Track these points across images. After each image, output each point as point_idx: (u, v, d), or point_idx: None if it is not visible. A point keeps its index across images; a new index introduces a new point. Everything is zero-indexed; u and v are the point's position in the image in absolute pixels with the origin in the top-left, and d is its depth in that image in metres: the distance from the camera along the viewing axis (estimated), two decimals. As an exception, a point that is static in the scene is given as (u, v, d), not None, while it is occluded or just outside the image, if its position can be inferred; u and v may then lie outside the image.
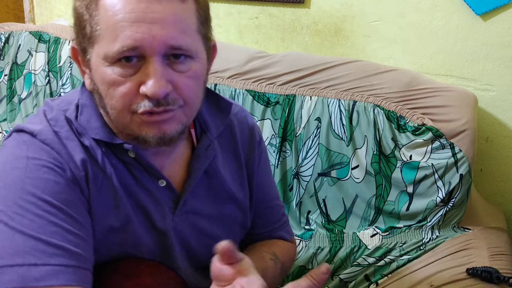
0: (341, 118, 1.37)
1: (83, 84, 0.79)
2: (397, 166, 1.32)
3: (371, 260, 1.30)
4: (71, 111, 0.77)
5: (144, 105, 0.69)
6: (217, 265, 0.68)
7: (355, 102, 1.36)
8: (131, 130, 0.72)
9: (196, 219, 0.84)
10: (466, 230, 1.29)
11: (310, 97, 1.40)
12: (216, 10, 1.68)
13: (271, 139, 1.43)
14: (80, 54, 0.74)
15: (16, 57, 1.69)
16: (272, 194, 1.00)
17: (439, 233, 1.28)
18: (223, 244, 0.65)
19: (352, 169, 1.36)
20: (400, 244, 1.29)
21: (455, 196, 1.27)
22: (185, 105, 0.73)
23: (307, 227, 1.40)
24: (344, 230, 1.37)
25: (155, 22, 0.67)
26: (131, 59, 0.68)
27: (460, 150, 1.26)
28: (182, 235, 0.82)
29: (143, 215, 0.78)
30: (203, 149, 0.83)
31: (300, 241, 1.36)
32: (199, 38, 0.73)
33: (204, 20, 0.75)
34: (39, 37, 1.70)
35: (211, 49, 0.79)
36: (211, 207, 0.86)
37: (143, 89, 0.68)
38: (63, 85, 1.77)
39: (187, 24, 0.71)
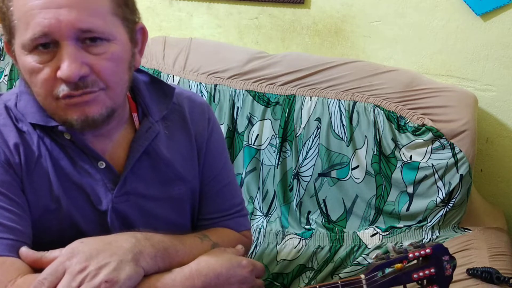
0: (341, 119, 1.37)
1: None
2: (397, 167, 1.32)
3: (371, 259, 1.30)
4: (12, 100, 0.81)
5: (63, 89, 0.71)
6: None
7: (355, 102, 1.36)
8: (58, 115, 0.75)
9: (141, 201, 0.85)
10: (466, 230, 1.29)
11: (310, 98, 1.40)
12: (216, 11, 1.68)
13: (271, 139, 1.43)
14: (9, 47, 0.77)
15: (16, 57, 1.69)
16: (223, 180, 0.98)
17: (439, 234, 1.29)
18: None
19: (352, 169, 1.36)
20: (400, 244, 1.29)
21: (455, 196, 1.27)
22: (108, 88, 0.74)
23: (307, 227, 1.40)
24: (344, 230, 1.37)
25: (62, 6, 0.69)
26: (48, 45, 0.70)
27: (460, 151, 1.26)
28: (124, 216, 0.84)
29: (80, 196, 0.81)
30: (143, 131, 0.85)
31: (300, 240, 1.36)
32: (115, 20, 0.75)
33: (122, 3, 0.76)
34: (39, 37, 1.70)
35: (135, 31, 0.80)
36: (158, 189, 0.87)
37: (58, 73, 0.70)
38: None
39: (97, 7, 0.72)
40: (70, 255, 0.69)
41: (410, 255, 0.77)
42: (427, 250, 0.77)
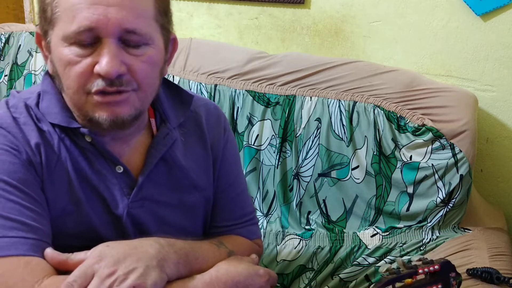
0: (341, 119, 1.37)
1: (46, 73, 0.83)
2: (397, 167, 1.32)
3: (371, 260, 1.30)
4: (32, 99, 0.81)
5: (97, 84, 0.72)
6: None
7: (355, 102, 1.36)
8: (86, 112, 0.75)
9: (156, 207, 0.86)
10: (466, 230, 1.29)
11: (310, 98, 1.40)
12: (216, 11, 1.68)
13: (271, 139, 1.43)
14: (43, 38, 0.77)
15: (16, 57, 1.69)
16: (238, 188, 0.99)
17: (439, 234, 1.29)
18: None
19: (352, 169, 1.36)
20: (400, 244, 1.29)
21: (455, 196, 1.27)
22: (139, 89, 0.76)
23: (307, 227, 1.40)
24: (344, 230, 1.37)
25: (112, 5, 0.70)
26: (88, 40, 0.71)
27: (460, 151, 1.26)
28: (139, 221, 0.84)
29: (97, 199, 0.81)
30: (161, 137, 0.86)
31: (300, 240, 1.36)
32: (156, 26, 0.77)
33: (163, 11, 0.78)
34: (39, 37, 1.70)
35: (169, 40, 0.82)
36: (172, 196, 0.88)
37: (97, 68, 0.71)
38: (63, 85, 1.76)
39: (144, 10, 0.74)
40: (99, 259, 0.69)
41: (420, 271, 0.78)
42: (436, 267, 0.79)
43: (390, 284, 0.76)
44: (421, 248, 1.26)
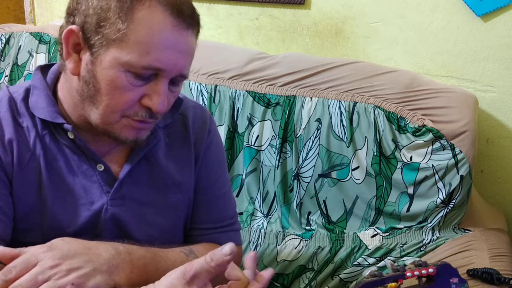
0: (341, 119, 1.37)
1: (37, 68, 0.84)
2: (397, 167, 1.32)
3: (371, 260, 1.30)
4: (19, 93, 0.81)
5: (141, 115, 0.76)
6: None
7: (355, 103, 1.36)
8: (112, 129, 0.77)
9: (136, 206, 0.86)
10: (466, 231, 1.29)
11: (311, 98, 1.40)
12: (217, 11, 1.68)
13: (271, 140, 1.43)
14: (79, 40, 0.74)
15: (16, 58, 1.69)
16: (218, 190, 0.98)
17: (439, 234, 1.28)
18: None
19: (353, 170, 1.36)
20: (401, 245, 1.29)
21: (456, 197, 1.27)
22: (159, 116, 0.80)
23: (307, 227, 1.40)
24: (344, 230, 1.37)
25: (181, 52, 0.75)
26: (147, 75, 0.74)
27: (461, 151, 1.26)
28: (118, 219, 0.83)
29: (71, 198, 0.81)
30: None
31: (300, 241, 1.36)
32: None
33: None
34: (39, 38, 1.70)
35: None
36: (153, 195, 0.88)
37: (149, 103, 0.75)
38: (63, 86, 1.76)
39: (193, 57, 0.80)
40: (47, 249, 0.67)
41: (408, 274, 0.67)
42: (430, 270, 0.68)
43: (367, 287, 0.67)
44: (422, 249, 1.26)
